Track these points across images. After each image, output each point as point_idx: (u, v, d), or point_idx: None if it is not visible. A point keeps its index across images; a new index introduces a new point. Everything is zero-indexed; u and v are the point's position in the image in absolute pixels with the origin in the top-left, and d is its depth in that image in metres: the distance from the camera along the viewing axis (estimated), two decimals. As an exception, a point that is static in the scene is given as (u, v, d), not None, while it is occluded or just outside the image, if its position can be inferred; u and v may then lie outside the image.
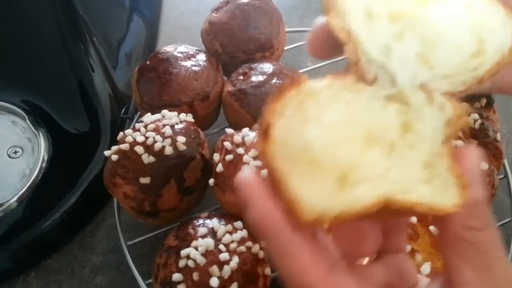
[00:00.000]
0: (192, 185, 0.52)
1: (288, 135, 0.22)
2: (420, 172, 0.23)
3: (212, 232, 0.47)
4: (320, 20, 0.26)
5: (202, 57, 0.62)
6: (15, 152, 0.61)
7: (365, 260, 0.27)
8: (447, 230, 0.24)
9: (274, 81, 0.59)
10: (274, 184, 0.23)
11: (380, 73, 0.23)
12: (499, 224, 0.53)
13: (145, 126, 0.53)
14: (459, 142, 0.51)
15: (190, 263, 0.44)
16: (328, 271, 0.23)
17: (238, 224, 0.48)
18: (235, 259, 0.45)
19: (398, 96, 0.23)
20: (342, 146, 0.23)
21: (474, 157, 0.24)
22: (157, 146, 0.50)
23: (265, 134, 0.22)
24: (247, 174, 0.24)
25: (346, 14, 0.23)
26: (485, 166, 0.50)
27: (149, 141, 0.51)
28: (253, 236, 0.48)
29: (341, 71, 0.24)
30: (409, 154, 0.23)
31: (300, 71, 0.64)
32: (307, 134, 0.22)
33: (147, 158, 0.50)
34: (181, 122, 0.54)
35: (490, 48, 0.24)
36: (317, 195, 0.22)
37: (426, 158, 0.23)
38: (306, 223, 0.22)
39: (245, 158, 0.49)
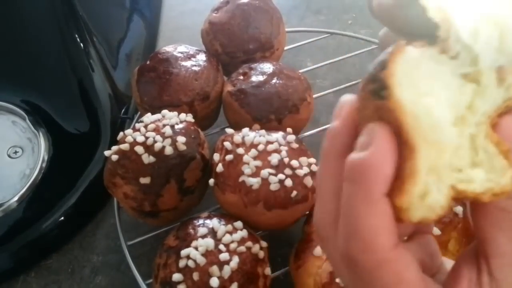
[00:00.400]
0: (192, 185, 0.52)
1: (416, 107, 0.22)
2: (469, 151, 0.23)
3: (212, 232, 0.47)
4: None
5: (202, 57, 0.62)
6: (15, 152, 0.61)
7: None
8: (483, 200, 0.23)
9: (274, 81, 0.58)
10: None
11: (462, 51, 0.23)
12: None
13: (145, 126, 0.53)
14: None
15: (190, 263, 0.44)
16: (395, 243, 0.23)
17: (238, 224, 0.48)
18: (235, 259, 0.45)
19: (473, 76, 0.24)
20: (450, 125, 0.23)
21: (508, 120, 0.23)
22: (157, 146, 0.50)
23: (391, 94, 0.22)
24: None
25: None
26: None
27: (149, 141, 0.51)
28: (253, 236, 0.48)
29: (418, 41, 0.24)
30: (464, 132, 0.23)
31: (300, 71, 0.64)
32: (433, 110, 0.22)
33: (147, 158, 0.50)
34: (181, 122, 0.54)
35: None
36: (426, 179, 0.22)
37: (473, 130, 0.23)
38: (398, 208, 0.22)
39: (245, 158, 0.49)
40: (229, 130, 0.55)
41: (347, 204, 0.23)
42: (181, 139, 0.51)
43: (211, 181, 0.51)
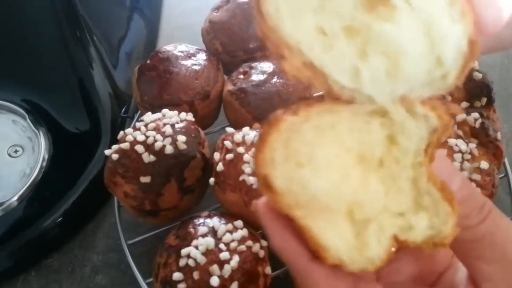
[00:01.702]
0: (192, 184, 0.52)
1: (290, 184, 0.22)
2: (411, 195, 0.23)
3: (213, 231, 0.47)
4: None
5: (202, 56, 0.62)
6: (16, 151, 0.61)
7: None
8: (425, 250, 0.24)
9: (274, 80, 0.58)
10: (293, 222, 0.23)
11: (356, 94, 0.22)
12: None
13: (146, 125, 0.52)
14: (459, 141, 0.51)
15: (191, 262, 0.44)
16: None
17: (239, 223, 0.48)
18: (236, 258, 0.45)
19: (380, 110, 0.23)
20: (343, 181, 0.23)
21: (439, 158, 0.23)
22: (158, 145, 0.50)
23: (267, 186, 0.22)
24: (264, 200, 0.24)
25: (301, 45, 0.21)
26: (485, 165, 0.50)
27: (150, 140, 0.51)
28: (253, 235, 0.48)
29: (313, 98, 0.23)
30: (398, 171, 0.23)
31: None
32: (309, 183, 0.22)
33: (148, 157, 0.50)
34: (181, 121, 0.54)
35: (448, 55, 0.22)
36: (338, 243, 0.23)
37: (412, 173, 0.23)
38: (332, 264, 0.23)
39: (246, 157, 0.49)
40: (230, 129, 0.55)
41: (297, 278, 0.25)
42: (181, 138, 0.51)
43: (212, 180, 0.51)
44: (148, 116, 0.54)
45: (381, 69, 0.22)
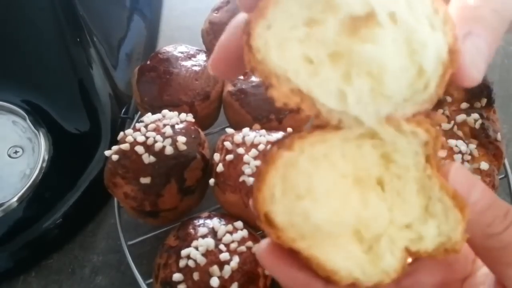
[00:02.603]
0: (192, 185, 0.52)
1: (292, 218, 0.23)
2: (419, 204, 0.24)
3: (213, 232, 0.47)
4: (222, 41, 0.26)
5: (202, 57, 0.62)
6: (16, 152, 0.61)
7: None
8: (474, 246, 0.24)
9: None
10: (298, 254, 0.23)
11: (343, 116, 0.23)
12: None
13: (146, 126, 0.52)
14: (459, 142, 0.51)
15: (191, 263, 0.44)
16: None
17: (239, 224, 0.48)
18: (236, 259, 0.45)
19: (369, 132, 0.23)
20: (344, 207, 0.23)
21: (456, 169, 0.24)
22: (158, 146, 0.50)
23: (268, 223, 0.23)
24: (262, 247, 0.24)
25: (288, 73, 0.22)
26: (485, 166, 0.50)
27: (150, 141, 0.51)
28: (253, 235, 0.48)
29: (303, 129, 0.24)
30: (401, 186, 0.24)
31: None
32: (310, 214, 0.23)
33: (148, 158, 0.50)
34: (181, 122, 0.54)
35: (428, 64, 0.22)
36: (348, 264, 0.23)
37: (418, 185, 0.24)
38: (347, 285, 0.23)
39: (246, 158, 0.49)
40: (230, 130, 0.55)
41: None
42: (181, 139, 0.51)
43: (212, 181, 0.51)
44: (148, 117, 0.54)
45: (365, 89, 0.22)
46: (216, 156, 0.52)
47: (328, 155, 0.23)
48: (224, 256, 0.44)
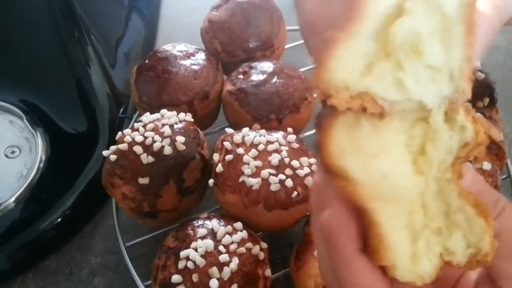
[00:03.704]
0: (191, 185, 0.52)
1: (369, 175, 0.22)
2: (440, 208, 0.23)
3: (212, 233, 0.46)
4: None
5: (201, 56, 0.62)
6: (13, 152, 0.61)
7: None
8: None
9: (274, 80, 0.58)
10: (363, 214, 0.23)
11: (406, 106, 0.22)
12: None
13: (144, 126, 0.52)
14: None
15: (190, 265, 0.44)
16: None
17: (238, 225, 0.48)
18: (235, 261, 0.44)
19: (423, 116, 0.23)
20: (412, 172, 0.23)
21: (474, 178, 0.24)
22: (156, 146, 0.50)
23: (342, 177, 0.22)
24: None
25: (346, 80, 0.21)
26: (488, 166, 0.49)
27: (148, 141, 0.50)
28: (253, 237, 0.48)
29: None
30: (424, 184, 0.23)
31: (301, 70, 0.64)
32: (388, 173, 0.22)
33: (146, 158, 0.49)
34: (180, 121, 0.53)
35: (451, 10, 0.22)
36: (400, 248, 0.23)
37: (437, 186, 0.23)
38: (382, 265, 0.23)
39: (245, 158, 0.49)
40: (229, 130, 0.54)
41: (331, 261, 0.24)
42: (180, 139, 0.51)
43: (211, 182, 0.51)
44: (147, 117, 0.54)
45: (419, 68, 0.22)
46: (216, 156, 0.51)
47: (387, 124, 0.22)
48: (224, 257, 0.44)
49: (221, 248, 0.45)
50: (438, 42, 0.22)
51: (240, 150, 0.50)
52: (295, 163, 0.48)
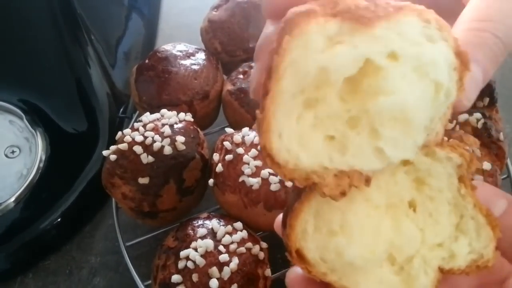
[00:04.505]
0: (191, 185, 0.52)
1: (324, 254, 0.23)
2: (451, 223, 0.25)
3: (212, 233, 0.46)
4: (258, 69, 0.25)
5: (201, 55, 0.62)
6: (13, 152, 0.60)
7: None
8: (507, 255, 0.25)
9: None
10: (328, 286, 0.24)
11: (387, 167, 0.23)
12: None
13: (144, 126, 0.52)
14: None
15: (190, 264, 0.44)
16: None
17: (238, 225, 0.48)
18: (235, 260, 0.44)
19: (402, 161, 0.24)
20: (377, 238, 0.23)
21: (487, 190, 0.25)
22: (156, 146, 0.50)
23: (300, 259, 0.23)
24: (292, 276, 0.25)
25: (321, 162, 0.22)
26: (488, 166, 0.49)
27: (148, 141, 0.50)
28: (253, 237, 0.48)
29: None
30: (434, 207, 0.24)
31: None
32: (344, 250, 0.23)
33: (146, 158, 0.49)
34: (180, 121, 0.53)
35: (442, 75, 0.22)
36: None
37: (451, 205, 0.24)
38: None
39: (245, 158, 0.49)
40: (229, 130, 0.54)
41: None
42: (180, 138, 0.51)
43: (211, 181, 0.51)
44: (147, 117, 0.53)
45: (397, 134, 0.22)
46: (215, 156, 0.51)
47: (362, 189, 0.23)
48: (224, 257, 0.44)
49: (221, 248, 0.45)
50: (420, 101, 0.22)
51: (240, 150, 0.50)
52: (295, 163, 0.48)
